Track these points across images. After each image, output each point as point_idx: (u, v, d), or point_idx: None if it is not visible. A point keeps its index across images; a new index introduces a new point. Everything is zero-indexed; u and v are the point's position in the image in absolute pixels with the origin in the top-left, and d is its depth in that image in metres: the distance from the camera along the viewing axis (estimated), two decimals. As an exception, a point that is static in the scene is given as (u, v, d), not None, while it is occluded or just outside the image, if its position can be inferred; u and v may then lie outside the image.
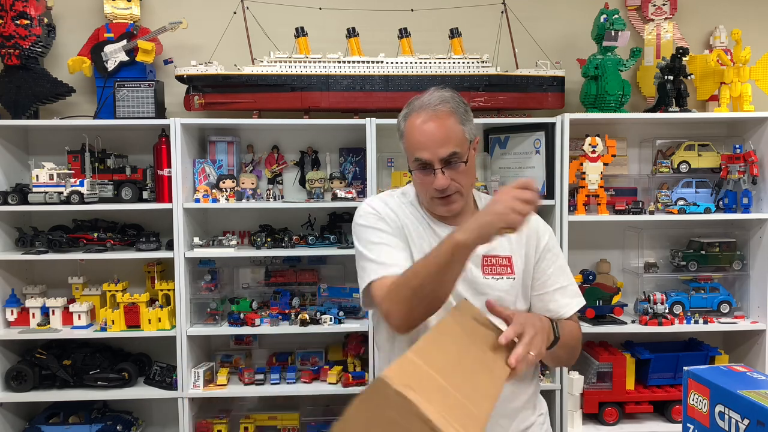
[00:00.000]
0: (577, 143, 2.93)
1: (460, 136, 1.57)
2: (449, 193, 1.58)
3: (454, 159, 1.55)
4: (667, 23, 3.17)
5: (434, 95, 1.62)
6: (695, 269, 3.05)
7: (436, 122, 1.56)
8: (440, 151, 1.54)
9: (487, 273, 1.63)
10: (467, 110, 1.63)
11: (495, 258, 1.64)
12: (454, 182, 1.57)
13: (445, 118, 1.57)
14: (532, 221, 1.67)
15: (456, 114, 1.58)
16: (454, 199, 1.59)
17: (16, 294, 2.89)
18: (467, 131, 1.59)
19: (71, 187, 2.73)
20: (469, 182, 1.61)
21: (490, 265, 1.64)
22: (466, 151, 1.57)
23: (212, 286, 2.88)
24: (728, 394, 1.15)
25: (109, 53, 2.89)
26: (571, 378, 2.85)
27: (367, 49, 2.91)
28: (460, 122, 1.58)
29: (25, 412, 2.98)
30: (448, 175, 1.56)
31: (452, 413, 1.13)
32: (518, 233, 1.54)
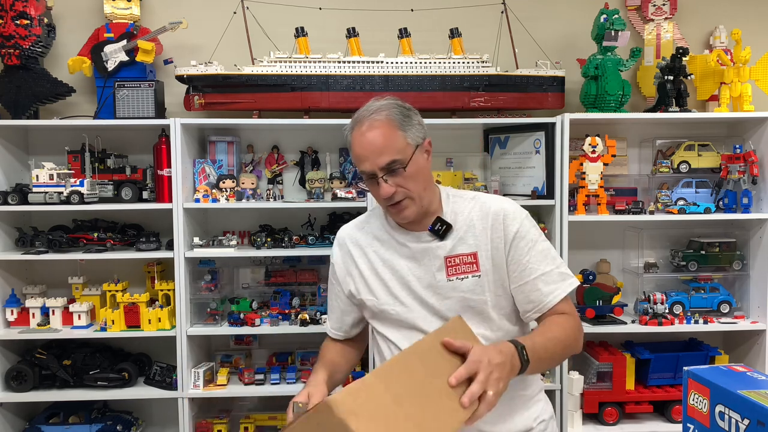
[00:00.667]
0: (577, 143, 2.93)
1: (399, 143, 1.56)
2: (398, 200, 1.59)
3: (394, 166, 1.55)
4: (667, 23, 3.17)
5: (371, 106, 1.61)
6: (695, 269, 3.05)
7: (372, 133, 1.56)
8: (378, 160, 1.55)
9: (451, 274, 1.62)
10: (408, 115, 1.60)
11: (459, 257, 1.62)
12: (401, 188, 1.57)
13: (381, 127, 1.56)
14: (496, 208, 1.63)
15: (393, 121, 1.57)
16: (404, 205, 1.60)
17: (16, 294, 2.89)
18: (409, 136, 1.57)
19: (71, 187, 2.73)
20: (419, 186, 1.59)
21: (453, 266, 1.62)
22: (408, 156, 1.56)
23: (212, 286, 2.88)
24: (728, 394, 1.15)
25: (109, 53, 2.89)
26: (571, 378, 2.85)
27: (367, 49, 2.91)
28: (399, 128, 1.56)
29: (25, 412, 2.98)
30: (392, 183, 1.56)
31: None
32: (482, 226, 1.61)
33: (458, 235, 1.63)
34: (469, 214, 1.65)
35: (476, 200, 1.68)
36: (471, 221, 1.64)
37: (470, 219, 1.64)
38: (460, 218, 1.65)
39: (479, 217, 1.64)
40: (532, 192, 2.88)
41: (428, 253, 1.64)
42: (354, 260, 1.74)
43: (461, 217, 1.65)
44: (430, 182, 1.65)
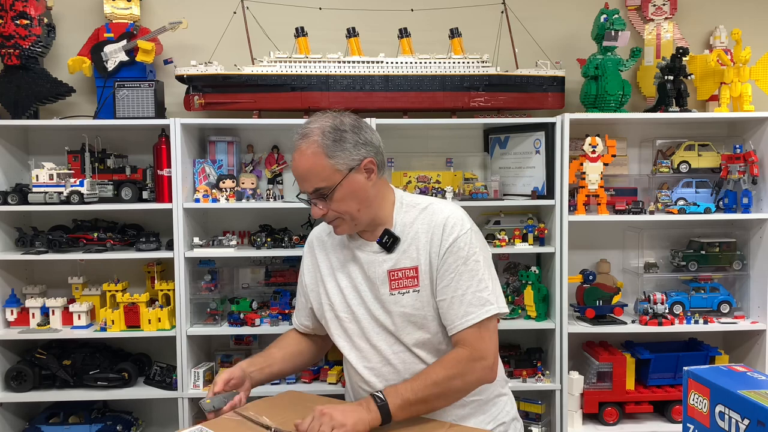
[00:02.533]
0: (577, 143, 2.93)
1: (324, 171, 1.56)
2: (329, 220, 1.63)
3: (321, 192, 1.58)
4: (667, 23, 3.17)
5: (303, 128, 1.61)
6: (695, 269, 3.05)
7: (298, 160, 1.59)
8: (305, 185, 1.59)
9: (394, 288, 1.61)
10: (340, 138, 1.57)
11: (401, 271, 1.61)
12: (333, 211, 1.60)
13: (307, 155, 1.57)
14: (439, 219, 1.61)
15: (320, 149, 1.56)
16: (336, 224, 1.64)
17: (16, 294, 2.89)
18: (338, 162, 1.56)
19: (71, 187, 2.73)
20: (351, 208, 1.59)
21: (396, 279, 1.61)
22: (335, 182, 1.56)
23: (212, 286, 2.88)
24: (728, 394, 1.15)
25: (109, 53, 2.89)
26: (571, 378, 2.85)
27: (367, 49, 2.91)
28: (326, 156, 1.56)
29: (25, 412, 2.98)
30: (322, 205, 1.59)
31: None
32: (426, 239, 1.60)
33: (403, 248, 1.62)
34: (416, 226, 1.63)
35: (427, 210, 1.65)
36: (416, 233, 1.62)
37: (416, 231, 1.63)
38: (408, 230, 1.64)
39: (425, 229, 1.62)
40: (532, 192, 2.88)
41: (375, 266, 1.64)
42: (318, 263, 1.77)
43: (409, 228, 1.64)
44: (367, 201, 1.62)
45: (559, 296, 2.82)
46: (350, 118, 1.63)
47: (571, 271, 2.88)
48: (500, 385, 1.72)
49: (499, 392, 1.71)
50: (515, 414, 1.75)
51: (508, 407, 1.72)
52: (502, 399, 1.72)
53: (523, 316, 2.94)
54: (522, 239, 2.88)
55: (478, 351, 1.54)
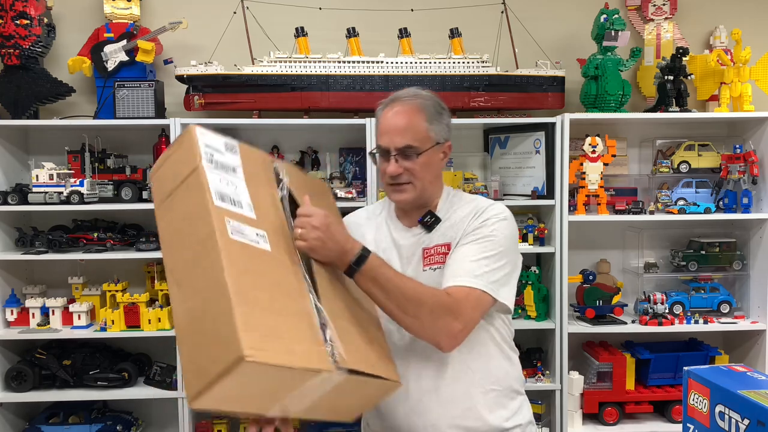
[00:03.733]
0: (577, 143, 2.93)
1: (421, 132, 1.60)
2: (401, 181, 1.62)
3: (409, 151, 1.59)
4: (667, 23, 3.17)
5: (410, 90, 1.66)
6: (695, 269, 3.05)
7: (400, 113, 1.61)
8: (396, 139, 1.59)
9: (427, 264, 1.63)
10: (440, 112, 1.65)
11: (434, 248, 1.64)
12: (408, 172, 1.61)
13: (411, 112, 1.61)
14: (483, 205, 1.64)
15: (424, 110, 1.61)
16: (404, 189, 1.63)
17: (16, 294, 2.89)
18: (433, 130, 1.61)
19: (71, 187, 2.73)
20: (425, 177, 1.62)
21: (429, 256, 1.64)
22: (425, 146, 1.60)
23: (212, 286, 2.88)
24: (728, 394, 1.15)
25: (109, 53, 2.89)
26: (571, 378, 2.85)
27: (367, 49, 2.91)
28: (427, 120, 1.61)
29: (25, 412, 2.98)
30: (401, 165, 1.60)
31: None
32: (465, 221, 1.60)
33: (441, 229, 1.66)
34: (459, 211, 1.67)
35: (472, 202, 1.69)
36: (458, 217, 1.66)
37: (458, 215, 1.66)
38: (450, 214, 1.68)
39: (466, 213, 1.65)
40: (532, 192, 2.88)
41: (412, 248, 1.67)
42: (364, 233, 1.75)
43: (451, 213, 1.68)
44: (436, 179, 1.68)
45: (559, 296, 2.82)
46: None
47: (571, 271, 2.88)
48: (518, 383, 1.72)
49: (517, 389, 1.71)
50: (531, 418, 1.74)
51: (524, 410, 1.72)
52: (519, 398, 1.71)
53: (523, 316, 2.94)
54: (522, 239, 2.88)
55: (457, 307, 1.50)
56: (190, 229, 1.28)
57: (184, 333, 1.22)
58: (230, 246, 1.22)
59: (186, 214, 1.30)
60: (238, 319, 1.11)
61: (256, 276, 1.25)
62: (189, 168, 1.30)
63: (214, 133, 1.40)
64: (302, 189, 1.53)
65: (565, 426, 2.84)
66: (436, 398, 1.60)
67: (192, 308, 1.23)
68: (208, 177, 1.27)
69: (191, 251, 1.27)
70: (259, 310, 1.19)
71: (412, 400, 1.61)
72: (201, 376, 1.11)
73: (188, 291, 1.27)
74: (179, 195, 1.33)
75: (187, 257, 1.29)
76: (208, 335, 1.15)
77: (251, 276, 1.23)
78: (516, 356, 1.75)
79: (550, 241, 2.90)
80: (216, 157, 1.34)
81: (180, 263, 1.33)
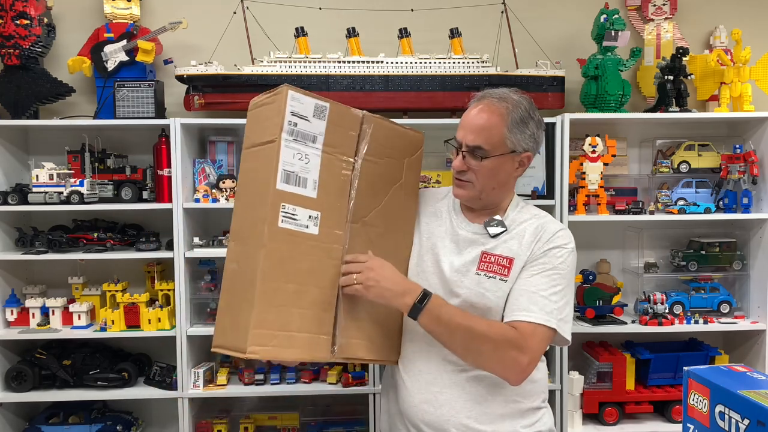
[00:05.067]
0: (577, 143, 2.93)
1: (496, 136, 1.58)
2: (463, 178, 1.63)
3: (478, 152, 1.59)
4: (667, 23, 3.17)
5: (503, 90, 1.65)
6: (695, 269, 3.05)
7: (482, 112, 1.61)
8: (469, 137, 1.61)
9: (482, 269, 1.62)
10: (525, 121, 1.61)
11: (495, 257, 1.62)
12: (472, 172, 1.61)
13: (493, 114, 1.60)
14: (552, 228, 1.64)
15: (506, 116, 1.59)
16: (464, 185, 1.64)
17: (16, 294, 2.89)
18: (511, 138, 1.59)
19: (71, 187, 2.73)
20: (488, 181, 1.61)
21: (487, 262, 1.63)
22: (495, 152, 1.58)
23: (212, 286, 2.88)
24: (728, 394, 1.15)
25: (109, 53, 2.89)
26: (571, 378, 2.85)
27: (367, 49, 2.91)
28: (506, 126, 1.59)
29: (25, 412, 2.98)
30: (467, 162, 1.61)
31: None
32: (531, 239, 1.61)
33: (506, 238, 1.64)
34: (526, 225, 1.66)
35: (539, 217, 1.68)
36: (524, 230, 1.65)
37: (524, 229, 1.65)
38: (517, 226, 1.66)
39: (533, 230, 1.64)
40: (532, 192, 2.88)
41: (471, 245, 1.65)
42: (420, 213, 1.77)
43: (518, 225, 1.66)
44: (503, 186, 1.66)
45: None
46: (538, 112, 1.67)
47: (571, 271, 2.88)
48: (542, 399, 1.72)
49: (539, 405, 1.71)
50: (551, 426, 1.75)
51: (545, 418, 1.72)
52: (541, 410, 1.72)
53: (523, 316, 2.94)
54: (522, 239, 2.87)
55: (523, 342, 1.50)
56: (254, 198, 1.46)
57: (224, 286, 1.51)
58: (276, 237, 1.41)
59: (256, 178, 1.47)
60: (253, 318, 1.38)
61: (292, 263, 1.43)
62: (270, 134, 1.44)
63: (306, 95, 1.51)
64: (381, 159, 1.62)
65: (565, 426, 2.84)
66: (457, 395, 1.60)
67: (234, 271, 1.48)
68: (282, 154, 1.42)
69: (249, 217, 1.47)
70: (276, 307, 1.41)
71: (430, 393, 1.61)
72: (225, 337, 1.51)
73: (236, 253, 1.49)
74: (257, 154, 1.49)
75: (246, 219, 1.49)
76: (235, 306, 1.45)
77: (286, 265, 1.42)
78: (544, 366, 1.75)
79: (550, 241, 2.90)
80: (300, 126, 1.46)
81: (239, 218, 1.52)
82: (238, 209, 1.54)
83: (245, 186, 1.53)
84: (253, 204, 1.46)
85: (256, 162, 1.49)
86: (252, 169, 1.51)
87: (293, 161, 1.43)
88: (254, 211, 1.45)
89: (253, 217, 1.45)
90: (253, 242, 1.43)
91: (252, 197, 1.48)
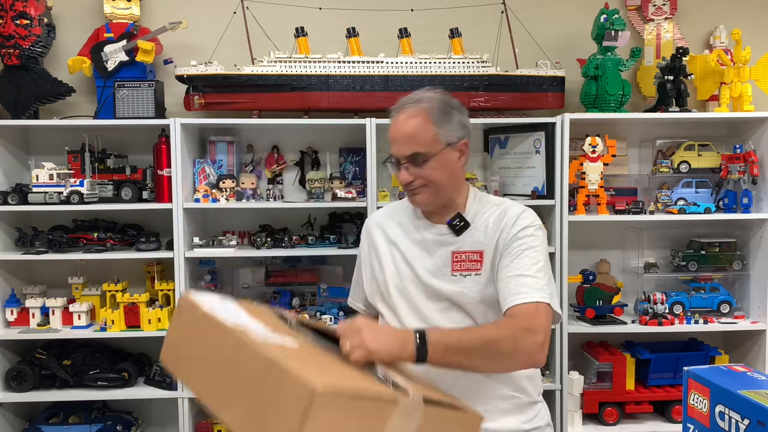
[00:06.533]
0: (577, 143, 2.93)
1: (427, 138, 1.58)
2: (414, 187, 1.63)
3: (417, 158, 1.59)
4: (667, 23, 3.17)
5: (417, 94, 1.64)
6: (695, 269, 3.05)
7: (406, 121, 1.60)
8: (403, 148, 1.60)
9: (456, 269, 1.63)
10: (449, 112, 1.61)
11: (465, 254, 1.63)
12: (421, 179, 1.61)
13: (416, 118, 1.59)
14: (513, 212, 1.64)
15: (429, 114, 1.59)
16: (418, 191, 1.64)
17: (16, 294, 2.89)
18: (441, 133, 1.59)
19: (71, 187, 2.73)
20: (440, 180, 1.61)
21: (459, 261, 1.64)
22: (434, 151, 1.59)
23: (212, 286, 2.88)
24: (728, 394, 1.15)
25: (109, 53, 2.89)
26: (571, 378, 2.85)
27: (367, 49, 2.91)
28: (433, 124, 1.59)
29: (25, 412, 2.98)
30: (412, 172, 1.61)
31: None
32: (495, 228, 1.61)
33: (471, 233, 1.65)
34: (488, 216, 1.67)
35: (501, 206, 1.69)
36: (487, 222, 1.65)
37: (487, 219, 1.66)
38: (479, 218, 1.67)
39: (496, 219, 1.65)
40: (532, 192, 2.88)
41: (440, 246, 1.66)
42: (376, 244, 1.77)
43: (480, 217, 1.67)
44: (456, 180, 1.66)
45: (559, 296, 2.82)
46: (456, 99, 1.67)
47: (571, 271, 2.88)
48: (537, 393, 1.74)
49: (535, 399, 1.72)
50: (549, 420, 1.76)
51: (542, 413, 1.74)
52: (538, 405, 1.73)
53: (523, 316, 2.94)
54: (522, 239, 2.87)
55: (531, 323, 1.49)
56: (214, 355, 1.18)
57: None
58: (264, 344, 1.12)
59: (204, 348, 1.21)
60: (295, 371, 1.01)
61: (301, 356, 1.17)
62: (193, 319, 1.26)
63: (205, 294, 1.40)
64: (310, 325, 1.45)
65: (565, 426, 2.84)
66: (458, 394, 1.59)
67: (243, 409, 1.10)
68: (217, 313, 1.21)
69: (223, 371, 1.16)
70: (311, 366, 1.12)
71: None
72: None
73: (235, 400, 1.13)
74: (192, 342, 1.26)
75: (222, 378, 1.17)
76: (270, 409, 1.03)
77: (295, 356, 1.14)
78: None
79: (550, 241, 2.90)
80: (215, 303, 1.30)
81: (217, 391, 1.18)
82: (209, 396, 1.18)
83: (201, 375, 1.22)
84: (217, 358, 1.17)
85: (195, 347, 1.24)
86: (195, 356, 1.23)
87: (229, 316, 1.22)
88: (222, 358, 1.16)
89: (225, 364, 1.15)
90: (240, 364, 1.11)
91: (213, 363, 1.18)
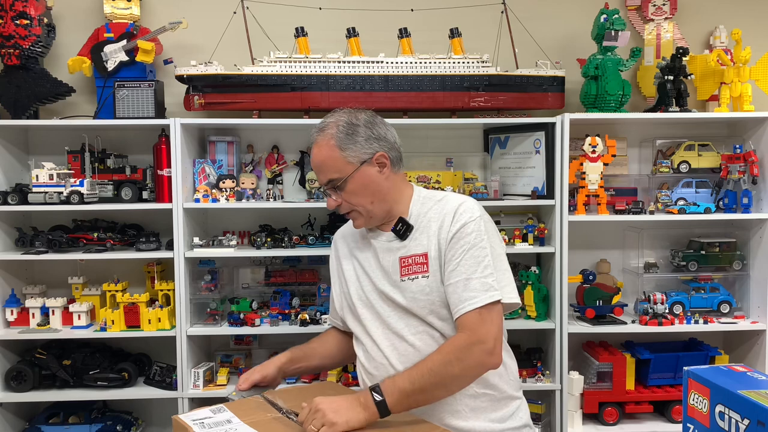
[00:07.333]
0: (577, 143, 2.93)
1: (337, 163, 1.63)
2: (343, 212, 1.70)
3: (335, 184, 1.65)
4: (667, 23, 3.17)
5: (321, 122, 1.70)
6: (695, 269, 3.05)
7: (316, 152, 1.68)
8: (320, 177, 1.68)
9: (404, 274, 1.65)
10: (353, 132, 1.65)
11: (412, 257, 1.65)
12: (346, 203, 1.67)
13: (322, 147, 1.66)
14: (450, 207, 1.65)
15: (333, 140, 1.64)
16: (353, 217, 1.71)
17: (16, 294, 2.89)
18: (350, 155, 1.63)
19: (71, 187, 2.73)
20: (364, 200, 1.65)
21: (407, 266, 1.65)
22: (348, 173, 1.63)
23: (212, 286, 2.88)
24: (728, 394, 1.15)
25: (109, 53, 2.89)
26: (571, 378, 2.85)
27: (367, 49, 2.91)
28: (339, 148, 1.63)
29: (25, 412, 2.98)
30: (336, 197, 1.67)
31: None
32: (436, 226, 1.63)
33: (415, 235, 1.67)
34: (429, 215, 1.67)
35: (441, 201, 1.69)
36: (428, 221, 1.67)
37: (428, 219, 1.67)
38: (422, 219, 1.68)
39: (436, 216, 1.66)
40: (532, 192, 2.88)
41: (388, 253, 1.69)
42: (339, 255, 1.84)
43: (423, 218, 1.68)
44: (381, 194, 1.67)
45: (559, 296, 2.82)
46: (366, 114, 1.70)
47: (571, 271, 2.88)
48: (513, 388, 1.72)
49: (511, 394, 1.70)
50: (528, 421, 1.74)
51: (520, 413, 1.72)
52: (515, 402, 1.71)
53: (523, 316, 2.94)
54: (522, 239, 2.88)
55: (476, 335, 1.53)
56: None
57: None
58: None
59: None
60: None
61: None
62: None
63: (197, 409, 1.58)
64: (299, 400, 1.56)
65: (565, 426, 2.84)
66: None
67: None
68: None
69: None
70: None
71: None
72: None
73: None
74: None
75: None
76: None
77: None
78: (511, 359, 1.74)
79: (550, 241, 2.90)
80: (207, 422, 1.47)
81: None
82: None
83: None
84: None
85: None
86: None
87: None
88: None
89: None
90: None
91: None
